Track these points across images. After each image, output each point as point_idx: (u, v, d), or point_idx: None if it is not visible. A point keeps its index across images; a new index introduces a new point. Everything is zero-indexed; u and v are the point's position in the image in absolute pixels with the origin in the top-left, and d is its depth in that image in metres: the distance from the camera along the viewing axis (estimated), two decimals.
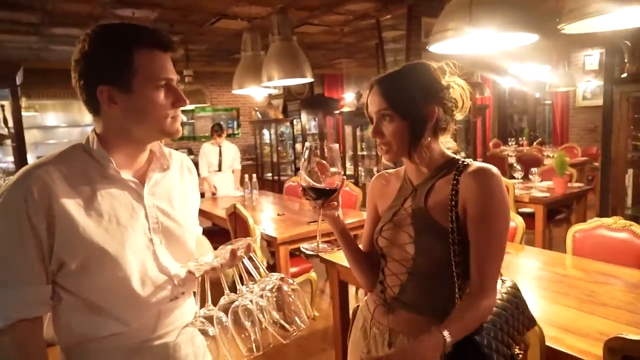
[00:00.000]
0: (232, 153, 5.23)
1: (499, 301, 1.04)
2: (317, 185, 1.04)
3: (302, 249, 1.17)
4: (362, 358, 1.18)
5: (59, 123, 7.86)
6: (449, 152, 1.14)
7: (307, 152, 1.06)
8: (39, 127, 7.60)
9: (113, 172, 0.96)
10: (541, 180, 4.21)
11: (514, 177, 4.33)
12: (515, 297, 1.08)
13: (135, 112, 0.93)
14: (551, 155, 4.89)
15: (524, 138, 8.70)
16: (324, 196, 1.05)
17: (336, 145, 1.07)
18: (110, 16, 4.63)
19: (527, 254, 2.31)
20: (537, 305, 1.65)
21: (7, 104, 3.34)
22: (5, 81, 3.07)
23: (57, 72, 5.48)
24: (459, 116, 1.12)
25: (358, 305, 1.29)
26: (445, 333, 0.91)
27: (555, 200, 3.82)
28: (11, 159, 3.37)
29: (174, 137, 1.00)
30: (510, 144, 6.68)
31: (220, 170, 5.12)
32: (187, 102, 0.99)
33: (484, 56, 1.95)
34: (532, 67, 4.87)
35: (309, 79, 3.18)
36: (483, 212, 1.01)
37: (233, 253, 0.99)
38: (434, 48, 1.67)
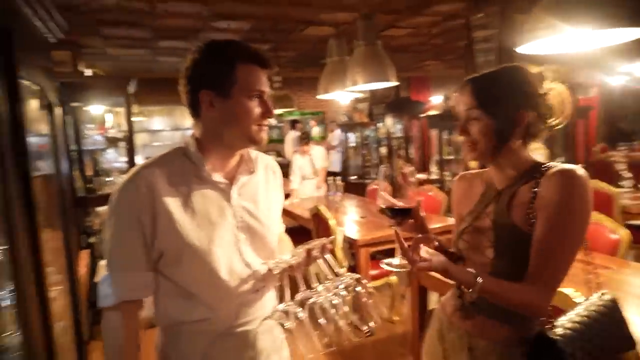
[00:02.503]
0: (320, 155, 5.29)
1: (593, 312, 0.98)
2: (394, 203, 1.08)
3: (381, 265, 1.16)
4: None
5: (164, 127, 8.67)
6: (537, 158, 1.10)
7: (382, 174, 1.12)
8: (147, 131, 8.45)
9: (206, 174, 1.07)
10: None
11: (620, 186, 3.92)
12: (613, 311, 1.01)
13: (229, 116, 1.03)
14: None
15: (638, 142, 7.78)
16: (401, 215, 1.09)
17: (412, 168, 1.10)
18: (208, 28, 5.00)
19: (632, 270, 2.09)
20: None
21: (121, 110, 3.80)
22: (121, 91, 3.50)
23: (163, 81, 6.06)
24: (556, 122, 1.08)
25: (433, 309, 1.28)
26: (479, 279, 0.94)
27: None
28: (124, 159, 3.81)
29: (258, 145, 1.09)
30: (620, 148, 6.03)
31: (315, 175, 5.21)
32: (274, 114, 1.08)
33: (588, 52, 1.79)
34: None
35: (393, 83, 3.17)
36: (556, 206, 0.97)
37: (308, 253, 1.05)
38: (523, 49, 1.58)
